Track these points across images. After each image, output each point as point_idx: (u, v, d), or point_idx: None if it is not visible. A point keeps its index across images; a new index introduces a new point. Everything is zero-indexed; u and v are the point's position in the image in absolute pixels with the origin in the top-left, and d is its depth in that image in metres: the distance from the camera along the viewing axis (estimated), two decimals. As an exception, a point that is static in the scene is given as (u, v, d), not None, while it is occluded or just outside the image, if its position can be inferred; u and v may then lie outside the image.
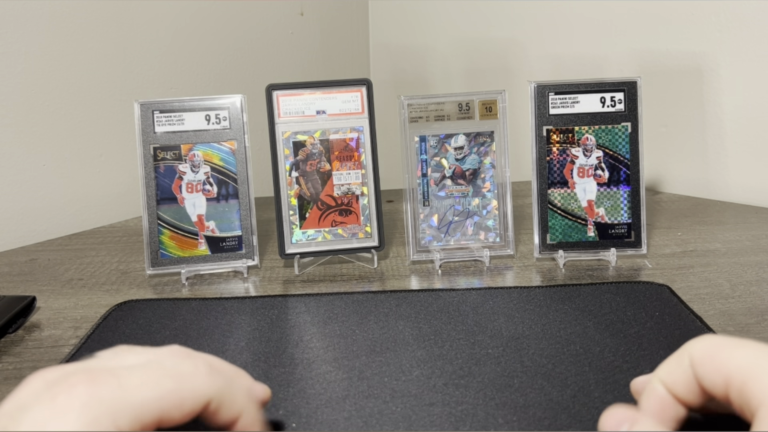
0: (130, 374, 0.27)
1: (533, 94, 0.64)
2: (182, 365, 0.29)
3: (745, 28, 0.84)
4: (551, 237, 0.64)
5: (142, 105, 0.63)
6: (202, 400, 0.28)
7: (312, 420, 0.38)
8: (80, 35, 0.82)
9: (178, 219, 0.63)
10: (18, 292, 0.61)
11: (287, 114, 0.64)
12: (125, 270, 0.66)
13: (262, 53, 1.09)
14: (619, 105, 0.64)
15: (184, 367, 0.29)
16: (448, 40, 1.20)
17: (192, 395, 0.28)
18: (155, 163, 0.63)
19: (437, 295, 0.55)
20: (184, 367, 0.29)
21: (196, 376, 0.29)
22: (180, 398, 0.28)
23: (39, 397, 0.26)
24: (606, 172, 0.64)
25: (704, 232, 0.72)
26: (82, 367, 0.28)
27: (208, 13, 0.99)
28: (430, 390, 0.40)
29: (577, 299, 0.54)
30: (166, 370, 0.28)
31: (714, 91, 0.88)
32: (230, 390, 0.30)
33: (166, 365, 0.29)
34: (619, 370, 0.42)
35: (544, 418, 0.37)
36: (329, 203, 0.65)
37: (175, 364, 0.29)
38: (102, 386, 0.26)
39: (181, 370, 0.29)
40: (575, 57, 1.03)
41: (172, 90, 0.94)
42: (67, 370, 0.28)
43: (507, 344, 0.46)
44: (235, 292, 0.59)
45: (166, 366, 0.28)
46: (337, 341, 0.48)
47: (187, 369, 0.29)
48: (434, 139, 0.65)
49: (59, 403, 0.26)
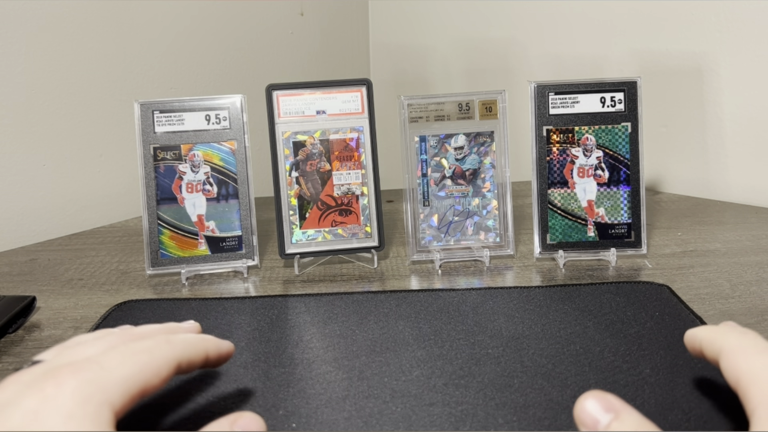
0: (108, 357, 0.30)
1: (533, 94, 0.64)
2: (145, 342, 0.32)
3: (745, 28, 0.84)
4: (551, 237, 0.64)
5: (142, 105, 0.63)
6: (172, 364, 0.32)
7: (312, 420, 0.38)
8: (80, 35, 0.82)
9: (178, 219, 0.63)
10: (18, 292, 0.61)
11: (287, 114, 0.64)
12: (125, 270, 0.66)
13: (262, 53, 1.09)
14: (619, 105, 0.64)
15: (148, 343, 0.32)
16: (448, 40, 1.20)
17: (165, 362, 0.32)
18: (155, 163, 0.63)
19: (437, 295, 0.55)
20: (148, 343, 0.32)
21: (160, 345, 0.32)
22: (156, 367, 0.31)
23: (23, 393, 0.27)
24: (606, 172, 0.64)
25: (704, 232, 0.72)
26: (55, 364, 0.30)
27: (208, 14, 0.99)
28: (430, 390, 0.40)
29: (577, 299, 0.54)
30: (135, 348, 0.31)
31: (714, 91, 0.88)
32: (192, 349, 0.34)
33: (132, 345, 0.32)
34: (619, 370, 0.42)
35: (544, 418, 0.37)
36: (329, 203, 0.65)
37: (138, 343, 0.32)
38: (86, 371, 0.28)
39: (147, 345, 0.32)
40: (575, 57, 1.03)
41: (172, 90, 0.94)
42: (39, 371, 0.29)
43: (507, 344, 0.46)
44: (235, 292, 0.59)
45: (132, 345, 0.32)
46: (337, 341, 0.48)
47: (151, 344, 0.32)
48: (434, 139, 0.65)
49: (49, 393, 0.27)
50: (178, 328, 0.39)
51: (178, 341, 0.34)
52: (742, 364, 0.30)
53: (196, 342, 0.35)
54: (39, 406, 0.26)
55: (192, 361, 0.34)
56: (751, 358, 0.30)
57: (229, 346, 0.38)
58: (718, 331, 0.34)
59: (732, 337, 0.33)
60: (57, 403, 0.26)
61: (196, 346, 0.35)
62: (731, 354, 0.32)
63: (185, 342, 0.34)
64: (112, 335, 0.34)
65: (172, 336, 0.34)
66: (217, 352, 0.37)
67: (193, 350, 0.34)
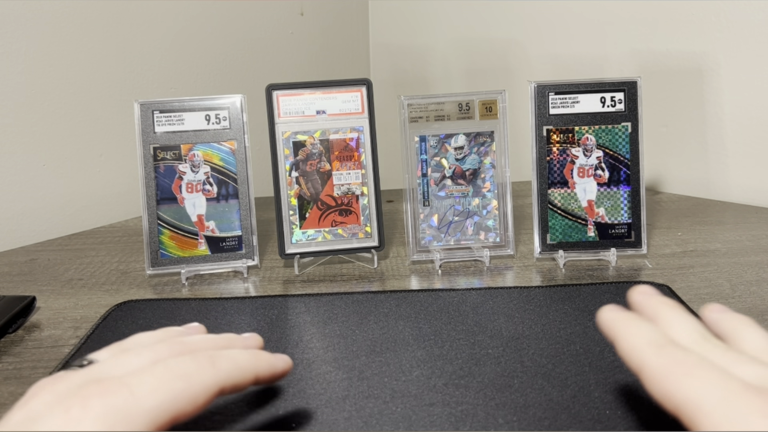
0: (140, 381, 0.28)
1: (533, 94, 0.64)
2: (187, 364, 0.30)
3: (745, 28, 0.84)
4: (551, 237, 0.64)
5: (142, 105, 0.63)
6: (213, 390, 0.30)
7: (312, 420, 0.38)
8: (80, 35, 0.82)
9: (178, 219, 0.63)
10: (18, 292, 0.61)
11: (287, 114, 0.64)
12: (125, 270, 0.66)
13: (262, 53, 1.09)
14: (619, 105, 0.64)
15: (190, 366, 0.30)
16: (448, 40, 1.20)
17: (203, 389, 0.29)
18: (155, 163, 0.63)
19: (437, 295, 0.55)
20: (190, 366, 0.30)
21: (201, 370, 0.30)
22: (192, 395, 0.29)
23: (52, 408, 0.26)
24: (606, 172, 0.64)
25: (704, 232, 0.72)
26: (90, 377, 0.29)
27: (208, 13, 0.99)
28: (430, 390, 0.40)
29: (577, 299, 0.54)
30: (174, 371, 0.29)
31: (714, 91, 0.88)
32: (237, 373, 0.31)
33: (172, 366, 0.29)
34: (619, 370, 0.42)
35: (544, 418, 0.37)
36: (329, 203, 0.65)
37: (178, 363, 0.30)
38: (115, 396, 0.27)
39: (188, 369, 0.30)
40: (575, 57, 1.03)
41: (172, 90, 0.94)
42: (76, 381, 0.28)
43: (507, 344, 0.46)
44: (235, 292, 0.59)
45: (172, 367, 0.29)
46: (337, 341, 0.48)
47: (193, 367, 0.30)
48: (434, 139, 0.65)
49: (74, 415, 0.26)
50: (233, 341, 0.36)
51: (224, 363, 0.31)
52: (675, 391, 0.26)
53: (245, 363, 0.32)
54: (62, 429, 0.25)
55: (237, 385, 0.32)
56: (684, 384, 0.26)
57: (285, 363, 0.36)
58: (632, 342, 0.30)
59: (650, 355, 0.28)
60: (80, 429, 0.25)
61: (245, 369, 0.32)
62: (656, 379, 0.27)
63: (233, 363, 0.32)
64: (164, 345, 0.32)
65: (219, 356, 0.32)
66: (271, 371, 0.34)
67: (240, 374, 0.32)
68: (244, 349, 0.35)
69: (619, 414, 0.37)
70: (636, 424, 0.36)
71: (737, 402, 0.25)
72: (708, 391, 0.25)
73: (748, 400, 0.25)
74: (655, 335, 0.30)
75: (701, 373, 0.26)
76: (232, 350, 0.33)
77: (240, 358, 0.33)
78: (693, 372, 0.26)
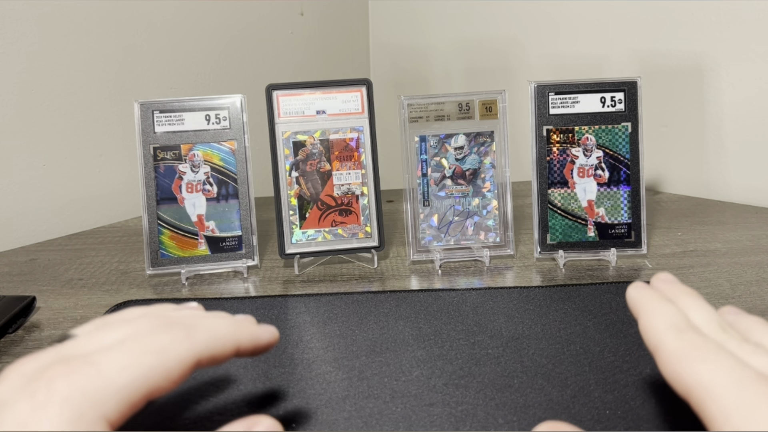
0: (109, 359, 0.27)
1: (533, 94, 0.64)
2: (160, 336, 0.29)
3: (745, 28, 0.84)
4: (551, 237, 0.64)
5: (142, 105, 0.63)
6: (188, 363, 0.29)
7: (312, 420, 0.38)
8: (80, 35, 0.82)
9: (178, 219, 0.63)
10: (18, 292, 0.61)
11: (287, 114, 0.64)
12: (125, 270, 0.66)
13: (262, 53, 1.09)
14: (619, 105, 0.64)
15: (163, 338, 0.29)
16: (448, 40, 1.20)
17: (177, 363, 0.28)
18: (155, 163, 0.63)
19: (437, 295, 0.55)
20: (163, 338, 0.29)
21: (175, 343, 0.29)
22: (165, 370, 0.28)
23: (17, 393, 0.25)
24: (606, 172, 0.64)
25: (704, 232, 0.72)
26: (58, 356, 0.28)
27: (207, 13, 0.99)
28: (430, 390, 0.40)
29: (577, 299, 0.54)
30: (145, 345, 0.28)
31: (714, 91, 0.88)
32: (214, 338, 0.30)
33: (144, 340, 0.28)
34: (619, 370, 0.42)
35: (544, 418, 0.37)
36: (329, 203, 0.65)
37: (152, 337, 0.29)
38: (81, 377, 0.26)
39: (161, 342, 0.28)
40: (575, 57, 1.03)
41: (172, 90, 0.94)
42: (44, 361, 0.27)
43: (507, 344, 0.46)
44: (235, 292, 0.59)
45: (144, 341, 0.28)
46: (337, 341, 0.48)
47: (166, 339, 0.29)
48: (434, 139, 0.65)
49: (39, 399, 0.25)
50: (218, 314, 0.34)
51: (200, 334, 0.30)
52: (688, 374, 0.27)
53: (224, 333, 0.31)
54: (28, 416, 0.24)
55: (215, 356, 0.30)
56: (697, 367, 0.27)
57: (271, 334, 0.34)
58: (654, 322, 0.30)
59: (669, 338, 0.29)
60: (46, 418, 0.24)
61: (223, 339, 0.31)
62: (671, 360, 0.28)
63: (210, 333, 0.30)
64: (145, 319, 0.30)
65: (196, 326, 0.30)
66: (253, 342, 0.32)
67: (218, 344, 0.30)
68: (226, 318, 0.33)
69: (619, 414, 0.37)
70: (636, 424, 0.36)
71: (750, 388, 0.25)
72: (721, 376, 0.26)
73: (760, 388, 0.25)
74: (678, 319, 0.30)
75: (716, 359, 0.27)
76: (212, 319, 0.32)
77: (219, 328, 0.31)
78: (708, 357, 0.27)
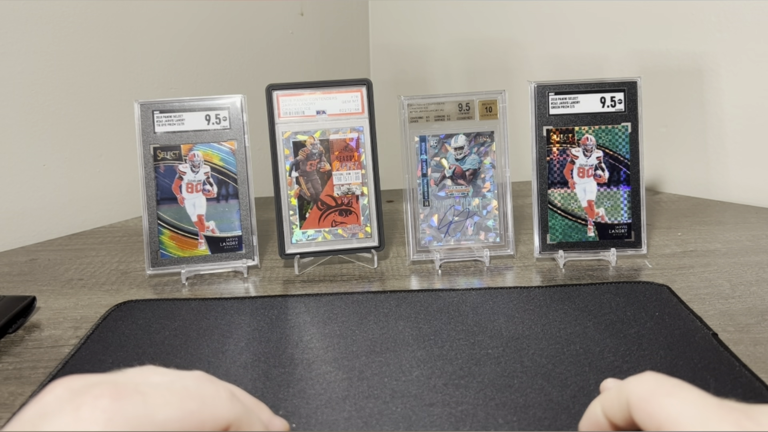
0: (155, 392, 0.28)
1: (533, 94, 0.64)
2: (205, 388, 0.30)
3: (745, 28, 0.84)
4: (551, 237, 0.64)
5: (142, 105, 0.63)
6: (221, 423, 0.29)
7: (312, 420, 0.38)
8: (80, 35, 0.82)
9: (178, 219, 0.63)
10: (18, 292, 0.61)
11: (287, 114, 0.64)
12: (125, 270, 0.66)
13: (262, 53, 1.09)
14: (619, 105, 0.64)
15: (207, 391, 0.30)
16: (448, 40, 1.20)
17: (212, 418, 0.29)
18: (155, 163, 0.63)
19: (437, 295, 0.55)
20: (207, 391, 0.30)
21: (217, 399, 0.30)
22: (201, 419, 0.28)
23: (62, 405, 0.26)
24: (606, 172, 0.64)
25: (704, 232, 0.72)
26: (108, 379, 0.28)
27: (208, 14, 0.99)
28: (430, 390, 0.40)
29: (577, 299, 0.54)
30: (190, 391, 0.29)
31: (714, 91, 0.88)
32: (248, 418, 0.31)
33: (190, 387, 0.29)
34: (619, 370, 0.42)
35: (544, 418, 0.37)
36: (329, 203, 0.65)
37: (198, 387, 0.30)
38: (127, 401, 0.26)
39: (204, 392, 0.30)
40: (575, 57, 1.03)
41: (172, 90, 0.94)
42: (92, 381, 0.28)
43: (507, 344, 0.46)
44: (235, 293, 0.59)
45: (190, 388, 0.29)
46: (337, 341, 0.48)
47: (210, 392, 0.30)
48: (434, 139, 0.65)
49: (83, 415, 0.25)
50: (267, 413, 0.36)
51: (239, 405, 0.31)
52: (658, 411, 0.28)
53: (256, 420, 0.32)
54: (70, 429, 0.25)
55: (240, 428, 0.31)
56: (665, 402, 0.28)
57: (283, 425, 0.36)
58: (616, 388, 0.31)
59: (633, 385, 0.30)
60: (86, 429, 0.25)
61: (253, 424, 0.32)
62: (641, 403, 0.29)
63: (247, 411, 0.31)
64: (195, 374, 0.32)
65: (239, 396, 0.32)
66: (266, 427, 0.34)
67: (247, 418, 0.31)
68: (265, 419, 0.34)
69: (619, 414, 0.37)
70: (636, 424, 0.36)
71: (714, 416, 0.27)
72: (687, 409, 0.28)
73: (723, 414, 0.27)
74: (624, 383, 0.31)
75: (681, 393, 0.29)
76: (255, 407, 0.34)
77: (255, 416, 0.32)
78: (673, 392, 0.29)
